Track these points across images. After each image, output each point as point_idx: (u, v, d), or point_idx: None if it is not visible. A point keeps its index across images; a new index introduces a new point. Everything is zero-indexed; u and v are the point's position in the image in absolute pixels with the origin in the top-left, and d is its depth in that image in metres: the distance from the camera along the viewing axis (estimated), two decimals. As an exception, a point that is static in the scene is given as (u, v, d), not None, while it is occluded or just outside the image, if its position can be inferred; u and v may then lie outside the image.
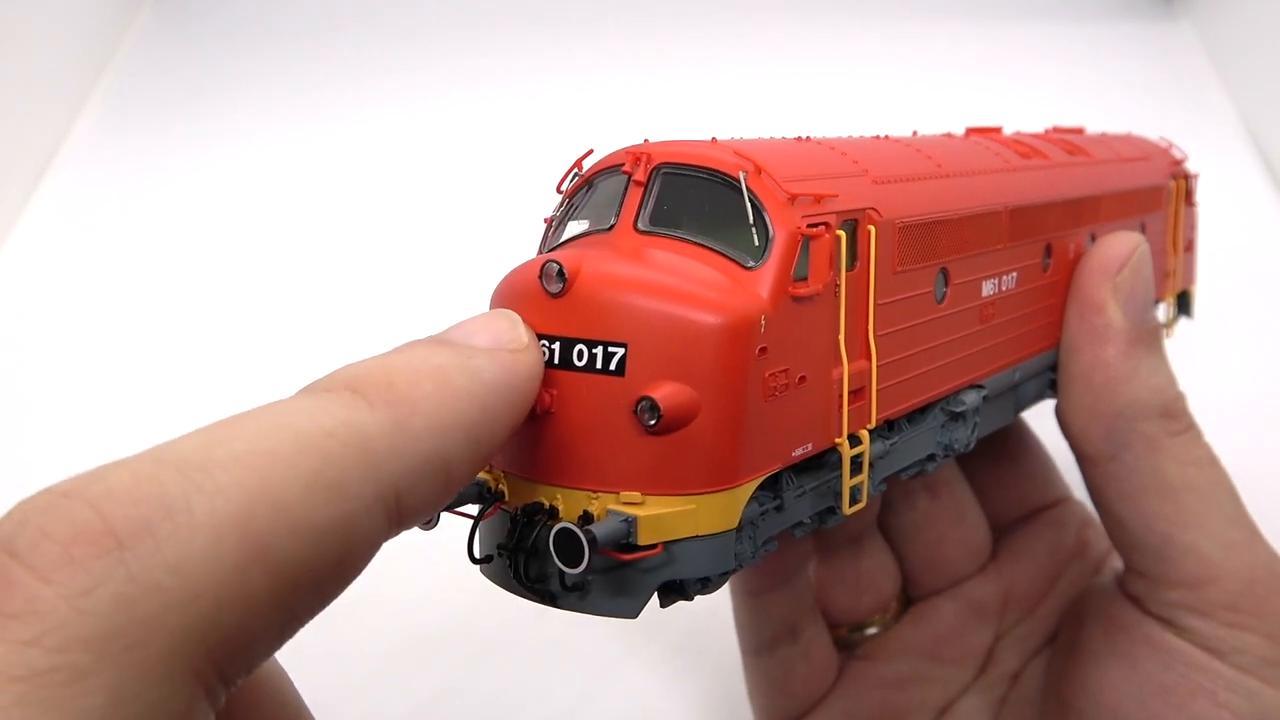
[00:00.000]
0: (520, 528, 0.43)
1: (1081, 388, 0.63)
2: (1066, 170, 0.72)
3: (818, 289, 0.45)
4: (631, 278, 0.43)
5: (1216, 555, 0.58)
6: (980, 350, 0.61)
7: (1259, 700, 0.56)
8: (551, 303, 0.43)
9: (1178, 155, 0.91)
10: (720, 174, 0.46)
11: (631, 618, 0.43)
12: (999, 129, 0.78)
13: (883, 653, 0.74)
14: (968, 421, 0.60)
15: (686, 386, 0.41)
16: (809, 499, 0.50)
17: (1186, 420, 0.62)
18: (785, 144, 0.52)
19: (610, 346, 0.42)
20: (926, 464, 0.59)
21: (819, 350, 0.47)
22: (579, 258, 0.43)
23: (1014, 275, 0.63)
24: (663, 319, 0.41)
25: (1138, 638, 0.60)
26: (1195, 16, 1.59)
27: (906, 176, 0.55)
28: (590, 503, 0.42)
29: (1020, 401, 0.69)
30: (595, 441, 0.42)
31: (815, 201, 0.46)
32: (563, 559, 0.39)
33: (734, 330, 0.42)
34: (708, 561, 0.43)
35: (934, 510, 0.74)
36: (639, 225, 0.46)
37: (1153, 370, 0.62)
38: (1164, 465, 0.60)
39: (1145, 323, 0.63)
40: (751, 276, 0.44)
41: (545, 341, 0.43)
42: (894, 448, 0.54)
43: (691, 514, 0.42)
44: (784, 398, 0.44)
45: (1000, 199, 0.62)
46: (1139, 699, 0.58)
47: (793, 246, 0.44)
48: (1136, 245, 0.65)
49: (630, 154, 0.48)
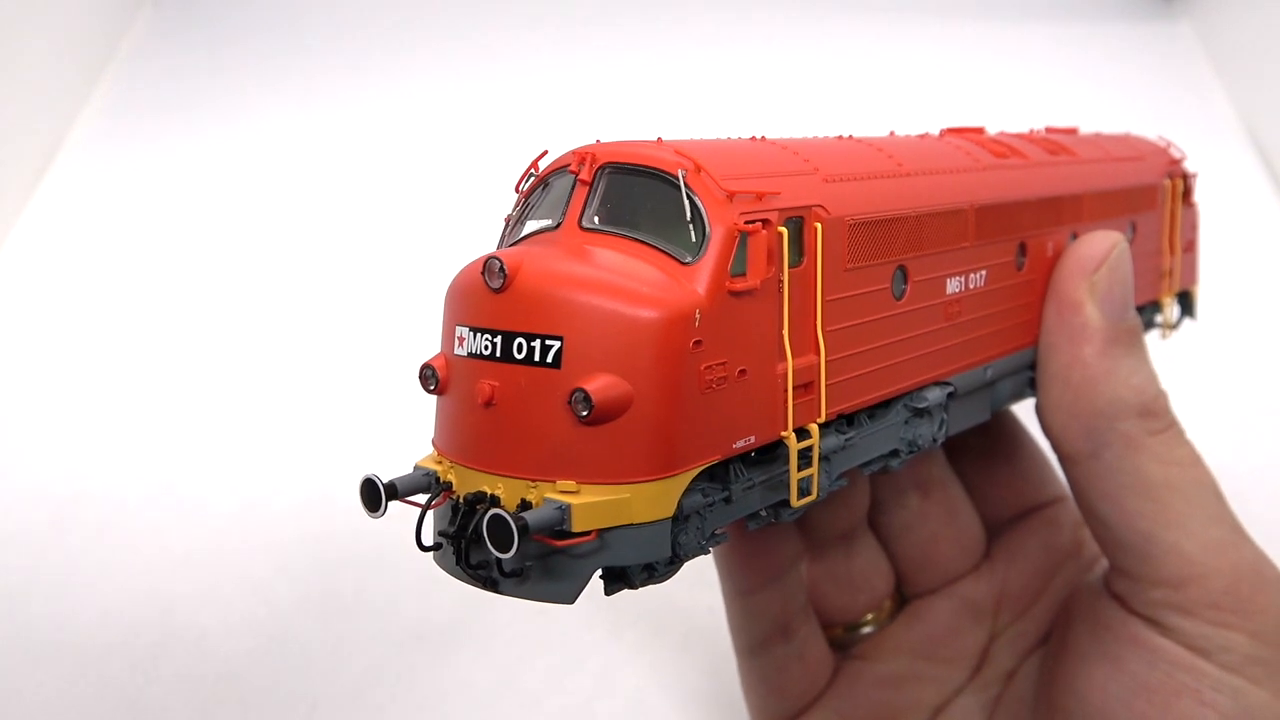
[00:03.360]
0: (461, 515, 0.44)
1: (1060, 387, 0.62)
2: (1044, 169, 0.72)
3: (755, 284, 0.46)
4: (570, 274, 0.44)
5: (1199, 554, 0.57)
6: (946, 347, 0.61)
7: (1244, 699, 0.55)
8: (494, 297, 0.45)
9: (1176, 154, 0.91)
10: (660, 172, 0.47)
11: (568, 603, 0.44)
12: (980, 129, 0.78)
13: (877, 652, 0.74)
14: (933, 418, 0.61)
15: (620, 379, 0.43)
16: (759, 492, 0.51)
17: (1168, 419, 0.61)
18: (733, 144, 0.53)
19: (547, 340, 0.43)
20: (890, 460, 0.60)
21: (761, 344, 0.48)
22: (521, 254, 0.45)
23: (983, 273, 0.64)
24: (598, 313, 0.43)
25: (1123, 637, 0.60)
26: (1195, 16, 1.59)
27: (861, 175, 0.55)
28: (529, 491, 0.43)
29: (996, 399, 0.69)
30: (534, 432, 0.44)
31: (756, 199, 0.47)
32: (495, 545, 0.41)
33: (667, 323, 0.43)
34: (642, 549, 0.44)
35: (926, 509, 0.74)
36: (583, 223, 0.48)
37: (1132, 369, 0.61)
38: (1144, 464, 0.59)
39: (1123, 321, 0.63)
40: (688, 272, 0.45)
41: (488, 335, 0.45)
42: (851, 443, 0.55)
43: (625, 503, 0.43)
44: (722, 390, 0.45)
45: (966, 197, 0.62)
46: (1124, 699, 0.58)
47: (730, 243, 0.45)
48: (1115, 244, 0.65)
49: (577, 154, 0.50)
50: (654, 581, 0.47)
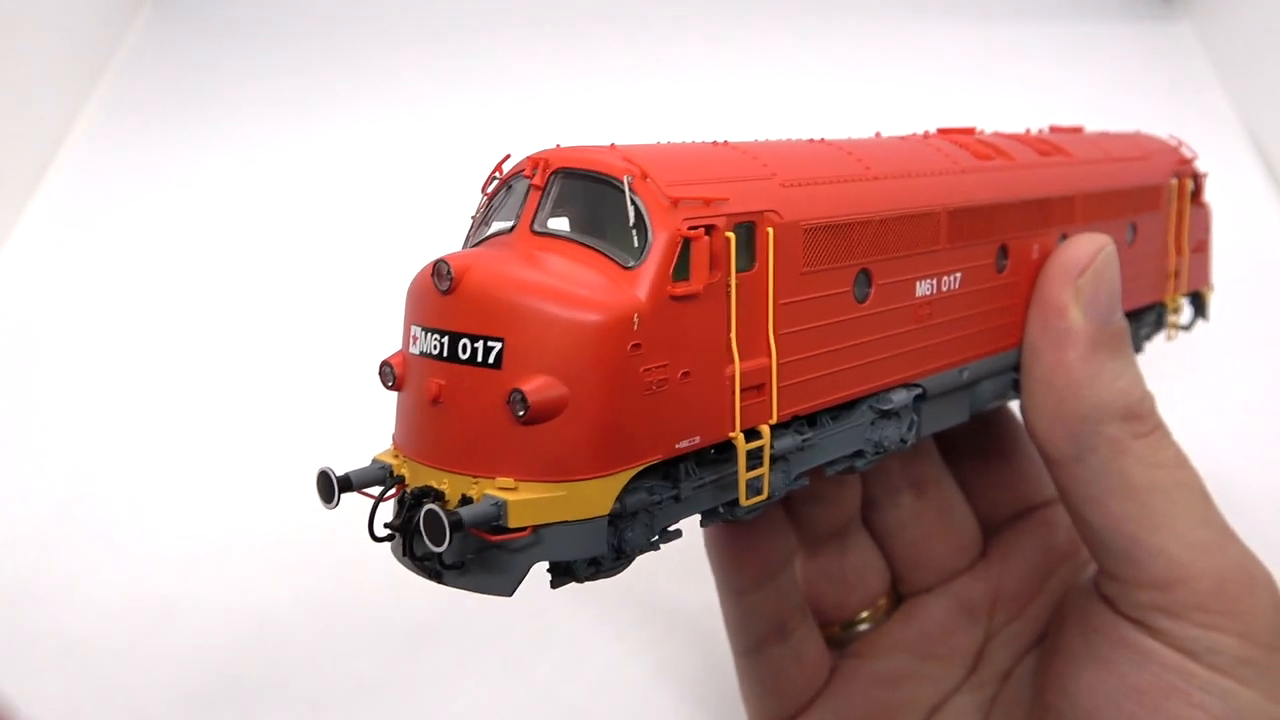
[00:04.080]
0: (406, 509, 0.46)
1: (1044, 391, 0.62)
2: (1031, 171, 0.72)
3: (698, 289, 0.47)
4: (514, 277, 0.46)
5: (1185, 556, 0.57)
6: (914, 349, 0.62)
7: (1234, 700, 0.55)
8: (442, 299, 0.46)
9: (1186, 154, 0.90)
10: (607, 177, 0.48)
11: (506, 595, 0.45)
12: (972, 130, 0.77)
13: (874, 650, 0.74)
14: (902, 419, 0.61)
15: (556, 380, 0.44)
16: (709, 490, 0.51)
17: (1153, 421, 0.61)
18: (687, 148, 0.54)
19: (489, 341, 0.45)
20: (855, 460, 0.60)
21: (705, 347, 0.48)
22: (471, 257, 0.47)
23: (958, 276, 0.64)
24: (537, 316, 0.44)
25: (1113, 639, 0.60)
26: (1195, 16, 1.59)
27: (823, 179, 0.56)
28: (471, 487, 0.45)
29: (977, 400, 0.69)
30: (477, 430, 0.45)
31: (703, 205, 0.48)
32: (430, 538, 0.42)
33: (604, 327, 0.44)
34: (577, 545, 0.45)
35: (920, 507, 0.75)
36: (534, 227, 0.49)
37: (1116, 373, 0.61)
38: (1129, 467, 0.59)
39: (1108, 325, 0.63)
40: (630, 276, 0.46)
41: (436, 335, 0.47)
42: (810, 443, 0.55)
43: (561, 500, 0.44)
44: (664, 392, 0.46)
45: (938, 200, 0.62)
46: (1114, 700, 0.58)
47: (672, 248, 0.46)
48: (1101, 247, 0.65)
49: (532, 159, 0.51)
50: (601, 576, 0.49)
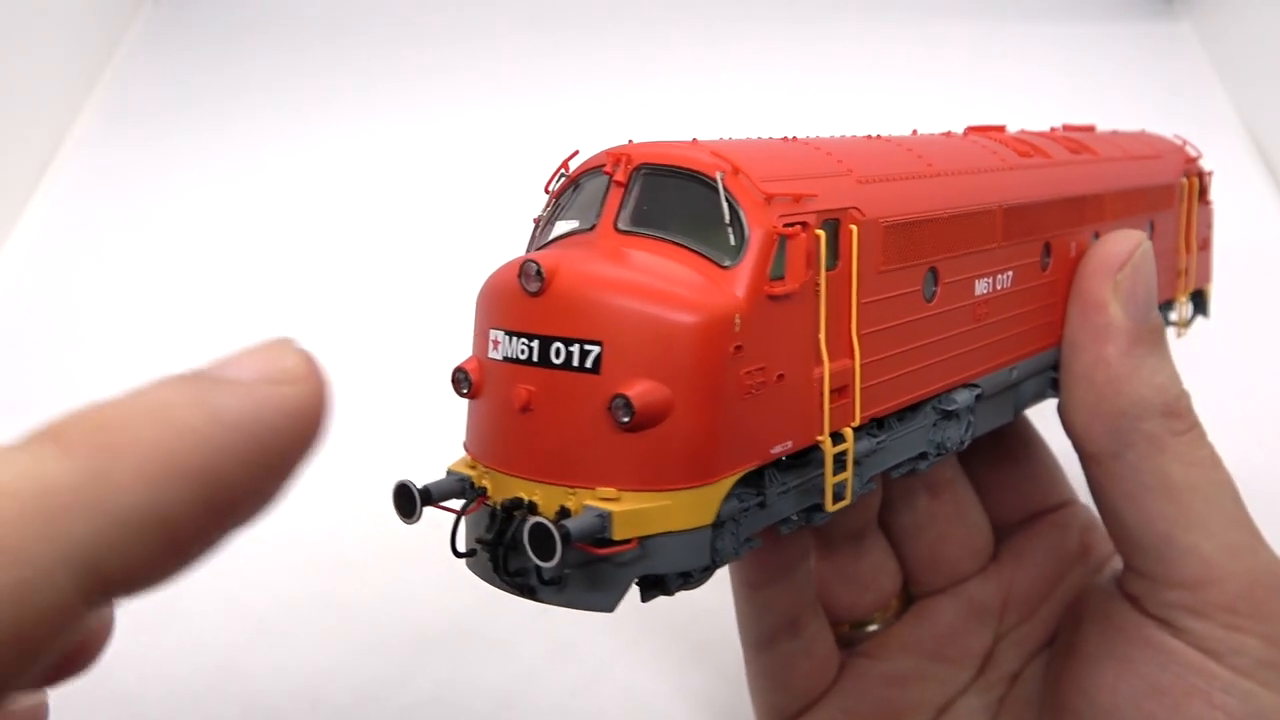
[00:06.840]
0: (499, 522, 0.44)
1: (1084, 386, 0.62)
2: (1067, 168, 0.72)
3: (794, 288, 0.45)
4: (608, 277, 0.44)
5: (1217, 557, 0.57)
6: (974, 349, 0.61)
7: (1255, 702, 0.55)
8: (530, 301, 0.44)
9: (1191, 153, 0.90)
10: (698, 174, 0.46)
11: (608, 611, 0.43)
12: (1002, 128, 0.77)
13: (883, 650, 0.74)
14: (961, 420, 0.60)
15: (660, 384, 0.42)
16: (793, 496, 0.50)
17: (1190, 419, 0.61)
18: (767, 144, 0.52)
19: (586, 345, 0.43)
20: (918, 462, 0.59)
21: (798, 348, 0.47)
22: (558, 257, 0.44)
23: (1009, 274, 0.63)
24: (637, 317, 0.42)
25: (1135, 638, 0.60)
26: (1195, 16, 1.59)
27: (893, 176, 0.55)
28: (568, 498, 0.43)
29: (1020, 400, 0.69)
30: (572, 438, 0.43)
31: (794, 201, 0.46)
32: (537, 553, 0.40)
33: (707, 329, 0.42)
34: (683, 557, 0.43)
35: (935, 509, 0.74)
36: (619, 225, 0.47)
37: (1155, 369, 0.62)
38: (1167, 465, 0.59)
39: (1147, 321, 0.63)
40: (728, 275, 0.44)
41: (524, 339, 0.44)
42: (882, 446, 0.54)
43: (666, 510, 0.42)
44: (761, 395, 0.45)
45: (994, 198, 0.62)
46: (1134, 700, 0.58)
47: (769, 246, 0.45)
48: (1138, 243, 0.65)
49: (611, 155, 0.49)
50: (689, 587, 0.47)
